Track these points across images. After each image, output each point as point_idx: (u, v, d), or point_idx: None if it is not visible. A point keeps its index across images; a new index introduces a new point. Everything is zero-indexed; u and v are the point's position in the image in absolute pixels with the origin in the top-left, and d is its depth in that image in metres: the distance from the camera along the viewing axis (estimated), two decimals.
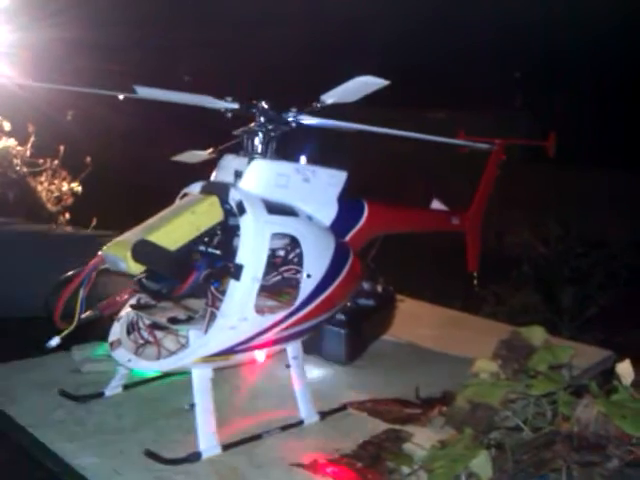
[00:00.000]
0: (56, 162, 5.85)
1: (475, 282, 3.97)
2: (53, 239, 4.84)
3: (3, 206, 5.28)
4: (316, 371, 3.20)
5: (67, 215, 5.83)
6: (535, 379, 2.42)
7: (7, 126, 5.55)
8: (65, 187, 5.87)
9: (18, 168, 5.58)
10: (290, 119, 2.77)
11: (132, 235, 2.37)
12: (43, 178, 5.81)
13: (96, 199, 5.81)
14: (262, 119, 2.72)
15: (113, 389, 2.87)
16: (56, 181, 5.86)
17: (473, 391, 2.49)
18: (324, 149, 3.11)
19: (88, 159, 5.83)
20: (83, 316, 2.40)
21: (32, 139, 5.68)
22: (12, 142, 5.58)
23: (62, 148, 5.82)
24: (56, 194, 5.83)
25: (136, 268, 2.30)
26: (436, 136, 3.24)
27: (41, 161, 5.77)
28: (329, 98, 2.59)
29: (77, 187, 5.91)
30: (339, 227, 2.99)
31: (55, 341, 2.39)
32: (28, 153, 5.68)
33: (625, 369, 2.32)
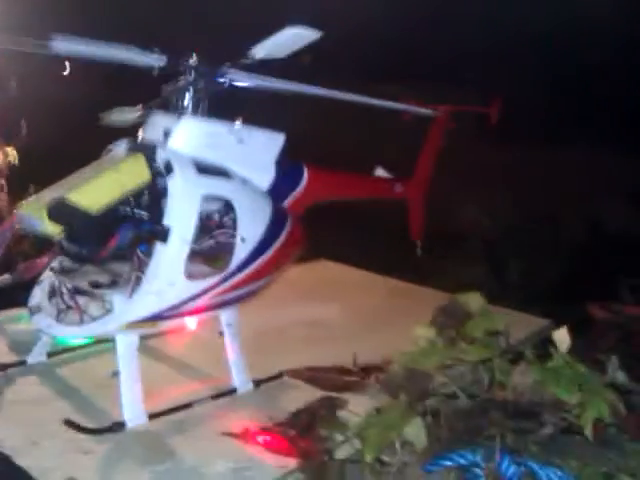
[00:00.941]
0: None
1: (419, 251, 3.93)
2: None
3: None
4: (250, 340, 3.12)
5: (2, 182, 5.57)
6: (471, 345, 2.39)
7: None
8: None
9: None
10: (222, 77, 2.64)
11: (50, 194, 2.23)
12: None
13: (32, 166, 5.56)
14: (193, 75, 2.59)
15: (36, 357, 2.74)
16: None
17: (409, 357, 2.45)
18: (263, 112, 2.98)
19: (23, 123, 5.57)
20: (0, 279, 2.26)
21: None
22: None
23: None
24: None
25: (53, 229, 2.16)
26: (377, 99, 3.16)
27: None
28: (259, 52, 2.45)
29: (12, 151, 5.65)
30: (277, 192, 2.88)
31: None
32: None
33: (561, 336, 2.30)
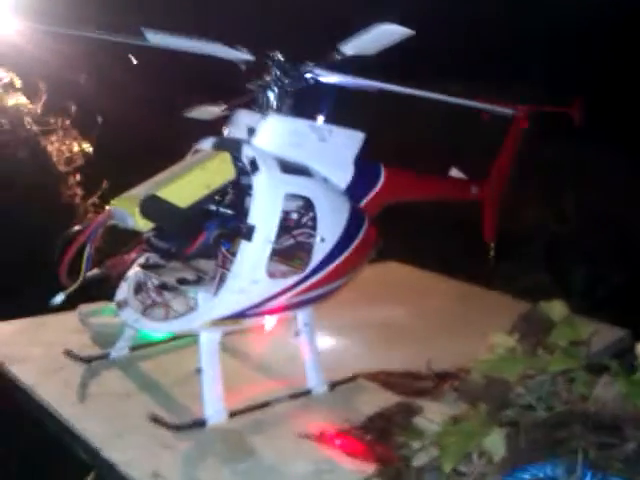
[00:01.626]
0: (67, 122, 5.74)
1: (491, 253, 3.85)
2: None
3: (13, 163, 5.19)
4: (326, 340, 3.12)
5: (77, 177, 5.75)
6: (554, 355, 2.33)
7: (18, 83, 5.43)
8: (76, 148, 5.77)
9: (29, 127, 5.48)
10: (307, 74, 2.63)
11: (141, 190, 2.28)
12: (54, 138, 5.70)
13: (108, 160, 5.71)
14: (277, 72, 2.59)
15: (119, 351, 2.81)
16: (67, 141, 5.76)
17: (489, 366, 2.39)
18: (343, 111, 2.97)
19: (99, 119, 5.73)
20: (89, 274, 2.32)
21: (44, 97, 5.57)
22: (23, 100, 5.47)
23: (73, 107, 5.71)
24: (67, 155, 5.73)
25: (144, 225, 2.21)
26: (457, 98, 3.11)
27: (52, 120, 5.66)
28: (349, 49, 2.42)
29: (88, 148, 5.81)
30: (355, 191, 2.87)
31: (60, 298, 2.31)
32: (39, 111, 5.57)
33: None
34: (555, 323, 2.47)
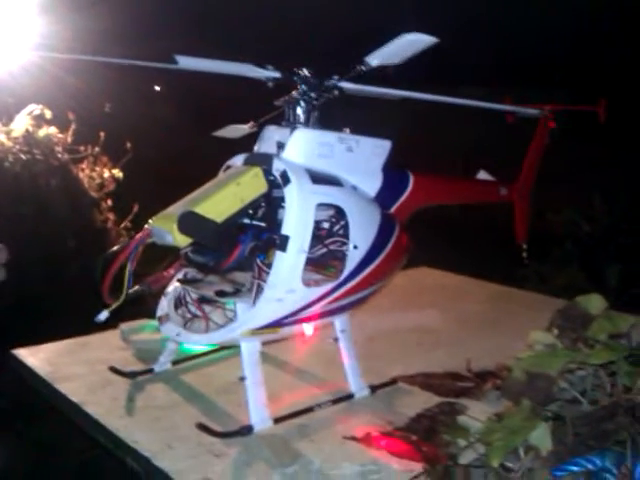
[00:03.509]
0: (97, 149, 5.89)
1: (524, 254, 3.86)
2: None
3: (46, 192, 5.33)
4: (359, 346, 3.15)
5: (109, 202, 5.88)
6: (595, 348, 2.32)
7: (48, 114, 5.60)
8: (106, 174, 5.90)
9: (60, 155, 5.63)
10: (333, 87, 2.69)
11: (178, 207, 2.34)
12: (84, 165, 5.85)
13: (138, 186, 5.84)
14: (304, 87, 2.65)
15: (162, 365, 2.87)
16: (97, 168, 5.90)
17: (530, 362, 2.40)
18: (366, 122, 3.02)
19: (128, 145, 5.87)
20: (131, 291, 2.39)
21: (73, 127, 5.73)
22: (53, 130, 5.63)
23: (102, 135, 5.85)
24: (98, 181, 5.87)
25: (183, 240, 2.27)
26: (483, 102, 3.13)
27: (82, 148, 5.81)
28: (374, 59, 2.48)
29: (118, 173, 5.95)
30: (384, 198, 2.91)
31: (104, 315, 2.38)
32: (69, 140, 5.72)
33: None
34: (593, 317, 2.47)
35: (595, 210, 6.50)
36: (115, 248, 2.40)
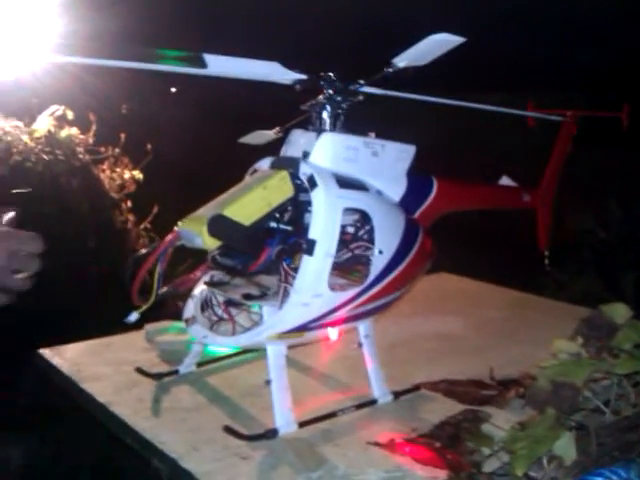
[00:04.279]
0: (117, 150, 5.95)
1: (547, 261, 3.85)
2: None
3: (68, 192, 5.39)
4: (381, 352, 3.16)
5: (129, 203, 5.93)
6: (620, 358, 2.32)
7: (70, 115, 5.66)
8: (127, 175, 5.96)
9: (81, 156, 5.69)
10: (359, 91, 2.70)
11: (206, 210, 2.36)
12: (105, 166, 5.91)
13: (158, 186, 5.89)
14: (330, 91, 2.66)
15: (187, 367, 2.88)
16: (118, 169, 5.96)
17: (555, 371, 2.40)
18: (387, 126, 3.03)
19: (149, 146, 5.92)
20: (160, 292, 2.41)
21: (94, 128, 5.79)
22: (75, 131, 5.69)
23: (123, 136, 5.91)
24: (118, 182, 5.93)
25: (212, 243, 2.28)
26: (504, 108, 3.13)
27: (103, 149, 5.87)
28: (401, 61, 2.45)
29: (138, 175, 6.00)
30: (408, 203, 2.91)
31: (134, 316, 2.40)
32: (90, 141, 5.78)
33: None
34: (618, 326, 2.47)
35: (611, 217, 6.48)
36: (145, 250, 2.42)
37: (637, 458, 2.15)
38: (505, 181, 3.64)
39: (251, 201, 2.40)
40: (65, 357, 3.04)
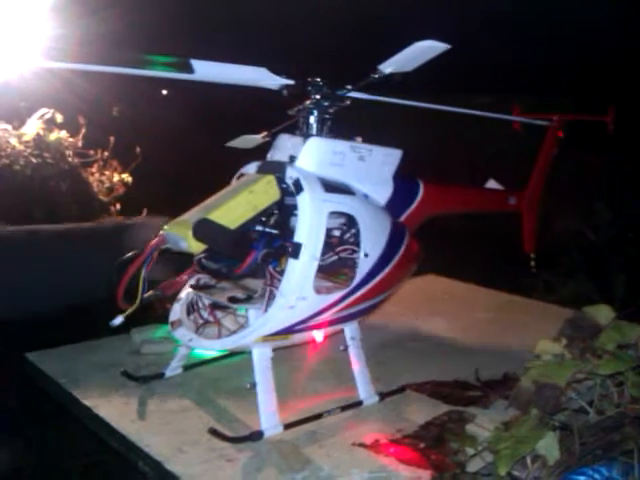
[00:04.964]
0: (106, 153, 5.94)
1: (532, 263, 3.88)
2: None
3: (56, 195, 5.38)
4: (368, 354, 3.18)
5: (118, 206, 5.92)
6: (603, 358, 2.34)
7: (59, 118, 5.66)
8: (116, 178, 5.96)
9: (70, 159, 5.68)
10: (346, 95, 2.72)
11: (192, 214, 2.37)
12: (94, 169, 5.91)
13: (146, 190, 5.89)
14: (317, 96, 2.68)
15: (173, 370, 2.89)
16: (107, 172, 5.96)
17: (538, 372, 2.42)
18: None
19: (137, 150, 5.91)
20: (145, 296, 2.42)
21: (83, 131, 5.78)
22: (64, 134, 5.68)
23: (112, 139, 5.90)
24: (107, 185, 5.92)
25: (197, 247, 2.30)
26: (491, 113, 3.16)
27: (92, 152, 5.86)
28: (387, 67, 2.48)
29: (127, 178, 6.00)
30: (394, 207, 2.94)
31: (119, 320, 2.41)
32: (80, 144, 5.78)
33: None
34: (602, 327, 2.50)
35: (600, 219, 6.52)
36: (130, 254, 2.43)
37: (620, 457, 2.18)
38: (492, 184, 3.67)
39: (237, 205, 2.42)
40: (52, 361, 3.04)
